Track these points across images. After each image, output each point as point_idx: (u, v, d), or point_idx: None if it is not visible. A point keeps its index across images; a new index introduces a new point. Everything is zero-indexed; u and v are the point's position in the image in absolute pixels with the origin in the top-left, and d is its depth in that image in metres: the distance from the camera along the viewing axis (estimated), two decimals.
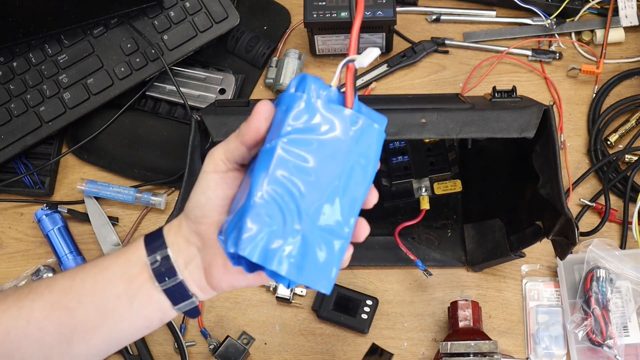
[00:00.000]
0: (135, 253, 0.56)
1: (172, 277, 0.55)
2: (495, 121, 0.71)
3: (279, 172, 0.48)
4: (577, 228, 0.69)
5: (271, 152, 0.48)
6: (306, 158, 0.48)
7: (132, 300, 0.56)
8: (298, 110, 0.48)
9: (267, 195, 0.48)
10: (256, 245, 0.48)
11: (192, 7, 0.94)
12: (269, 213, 0.48)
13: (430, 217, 0.91)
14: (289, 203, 0.48)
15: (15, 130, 0.92)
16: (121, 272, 0.56)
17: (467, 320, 0.84)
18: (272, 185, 0.48)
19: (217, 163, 0.53)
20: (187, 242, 0.55)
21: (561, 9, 0.98)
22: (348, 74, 0.49)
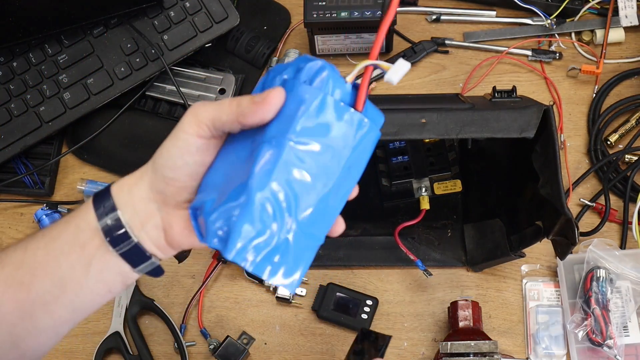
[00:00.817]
0: (84, 218, 0.53)
1: (126, 240, 0.52)
2: (495, 121, 0.71)
3: (283, 173, 0.46)
4: (577, 228, 0.69)
5: (280, 150, 0.46)
6: (310, 160, 0.47)
7: (88, 267, 0.53)
8: (312, 108, 0.46)
9: (267, 197, 0.46)
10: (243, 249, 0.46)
11: (192, 7, 0.94)
12: (264, 217, 0.46)
13: (430, 217, 0.91)
14: (284, 207, 0.47)
15: (15, 130, 0.92)
16: (72, 240, 0.53)
17: (467, 320, 0.84)
18: (274, 186, 0.46)
19: (202, 127, 0.50)
20: (146, 199, 0.53)
21: (561, 9, 0.98)
22: (365, 76, 0.48)
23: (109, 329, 0.89)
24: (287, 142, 0.46)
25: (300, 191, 0.47)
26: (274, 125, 0.47)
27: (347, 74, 0.49)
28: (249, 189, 0.46)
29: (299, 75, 0.48)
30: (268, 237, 0.47)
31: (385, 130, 0.71)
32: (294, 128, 0.46)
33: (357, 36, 0.95)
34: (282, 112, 0.47)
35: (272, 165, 0.46)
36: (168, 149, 0.51)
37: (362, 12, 0.91)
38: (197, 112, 0.50)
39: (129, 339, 0.89)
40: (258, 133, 0.48)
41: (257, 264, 0.47)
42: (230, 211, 0.47)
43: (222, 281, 0.92)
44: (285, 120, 0.47)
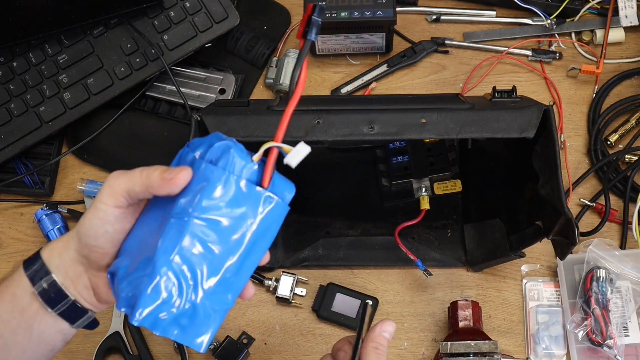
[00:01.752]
0: (19, 286, 0.56)
1: (63, 300, 0.56)
2: (495, 121, 0.71)
3: (186, 247, 0.50)
4: (577, 228, 0.69)
5: (184, 226, 0.50)
6: (214, 235, 0.51)
7: (30, 331, 0.56)
8: (217, 188, 0.50)
9: (171, 268, 0.50)
10: (149, 315, 0.50)
11: (192, 7, 0.94)
12: (169, 287, 0.50)
13: (430, 217, 0.91)
14: (189, 277, 0.51)
15: (15, 130, 0.92)
16: (11, 309, 0.56)
17: (467, 320, 0.84)
18: (177, 259, 0.50)
19: (118, 198, 0.53)
20: (74, 262, 0.56)
21: (561, 9, 0.98)
22: (270, 156, 0.52)
23: (109, 329, 0.89)
24: (191, 219, 0.50)
25: (205, 262, 0.51)
26: (182, 200, 0.51)
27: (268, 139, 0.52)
28: (155, 261, 0.50)
29: (208, 154, 0.52)
30: (173, 305, 0.51)
31: (385, 130, 0.71)
32: (199, 205, 0.50)
33: (357, 36, 0.95)
34: (190, 188, 0.51)
35: (177, 239, 0.50)
36: (90, 219, 0.54)
37: (362, 12, 0.91)
38: (112, 183, 0.54)
39: (129, 339, 0.89)
40: (169, 204, 0.52)
41: (163, 328, 0.51)
42: (137, 280, 0.51)
43: None
44: (192, 196, 0.51)
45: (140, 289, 0.50)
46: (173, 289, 0.50)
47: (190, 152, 0.53)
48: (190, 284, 0.51)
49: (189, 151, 0.53)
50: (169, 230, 0.50)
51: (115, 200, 0.53)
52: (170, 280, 0.50)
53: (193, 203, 0.50)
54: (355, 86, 0.98)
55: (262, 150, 0.52)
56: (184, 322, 0.52)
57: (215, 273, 0.52)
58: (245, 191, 0.51)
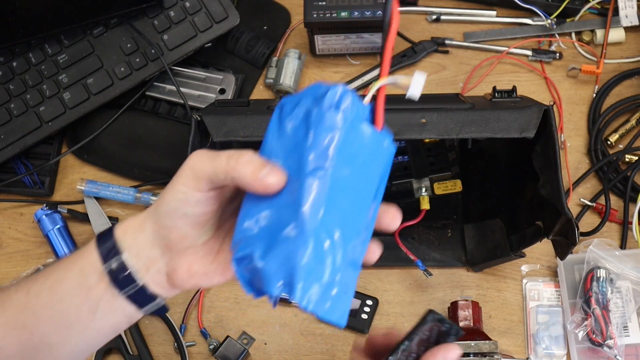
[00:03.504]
0: (89, 261, 0.52)
1: (132, 284, 0.52)
2: (495, 121, 0.71)
3: (330, 205, 0.45)
4: (577, 228, 0.69)
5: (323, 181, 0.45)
6: (349, 187, 0.46)
7: (94, 310, 0.53)
8: (344, 134, 0.46)
9: (320, 232, 0.45)
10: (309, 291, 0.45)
11: (192, 7, 0.94)
12: (320, 253, 0.45)
13: (430, 217, 0.91)
14: (336, 239, 0.46)
15: (15, 130, 0.92)
16: (77, 283, 0.53)
17: (467, 320, 0.84)
18: (325, 220, 0.45)
19: (199, 183, 0.48)
20: (149, 244, 0.52)
21: (561, 9, 0.98)
22: (380, 97, 0.48)
23: None
24: (329, 171, 0.45)
25: (344, 221, 0.47)
26: (310, 156, 0.46)
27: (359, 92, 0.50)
28: (303, 227, 0.45)
29: (322, 103, 0.47)
30: (326, 273, 0.46)
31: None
32: (332, 156, 0.45)
33: (357, 36, 0.95)
34: (316, 141, 0.46)
35: (320, 198, 0.45)
36: (168, 201, 0.50)
37: (362, 12, 0.91)
38: (194, 165, 0.49)
39: (129, 339, 0.89)
40: (293, 168, 0.47)
41: (316, 304, 0.46)
42: (285, 254, 0.45)
43: None
44: (320, 148, 0.46)
45: (294, 262, 0.44)
46: (324, 256, 0.45)
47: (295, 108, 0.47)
48: (337, 248, 0.46)
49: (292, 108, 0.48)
50: (308, 189, 0.45)
51: (196, 184, 0.48)
52: (321, 246, 0.45)
53: (325, 155, 0.45)
54: (355, 86, 0.98)
55: (374, 90, 0.47)
56: (332, 293, 0.46)
57: (353, 232, 0.47)
58: (368, 135, 0.47)
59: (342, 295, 0.47)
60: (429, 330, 0.61)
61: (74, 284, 0.53)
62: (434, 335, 0.61)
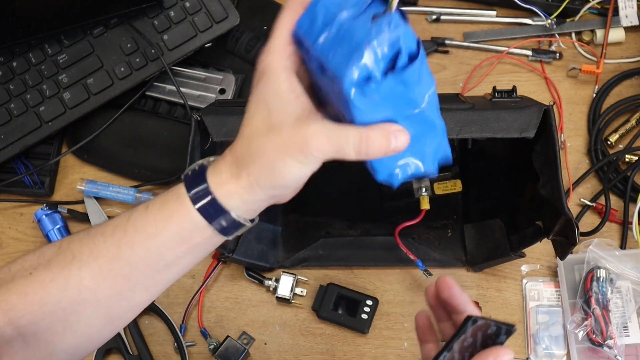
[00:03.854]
0: (189, 220, 0.53)
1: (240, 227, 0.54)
2: (495, 121, 0.71)
3: None
4: (577, 228, 0.69)
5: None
6: None
7: (197, 253, 0.55)
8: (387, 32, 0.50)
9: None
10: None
11: (192, 7, 0.94)
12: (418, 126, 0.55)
13: (430, 217, 0.91)
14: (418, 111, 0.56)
15: (15, 130, 0.92)
16: (177, 238, 0.53)
17: None
18: None
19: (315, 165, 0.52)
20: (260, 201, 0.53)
21: (561, 9, 0.98)
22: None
23: None
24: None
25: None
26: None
27: None
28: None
29: None
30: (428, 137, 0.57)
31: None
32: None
33: None
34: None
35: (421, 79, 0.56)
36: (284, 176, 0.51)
37: None
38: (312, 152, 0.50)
39: (129, 339, 0.89)
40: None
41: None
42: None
43: (222, 281, 0.92)
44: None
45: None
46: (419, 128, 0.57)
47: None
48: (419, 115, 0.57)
49: None
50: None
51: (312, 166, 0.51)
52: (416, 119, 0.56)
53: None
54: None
55: None
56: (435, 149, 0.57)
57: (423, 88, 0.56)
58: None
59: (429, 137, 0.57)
60: (472, 336, 0.56)
61: (174, 238, 0.54)
62: (480, 339, 0.57)
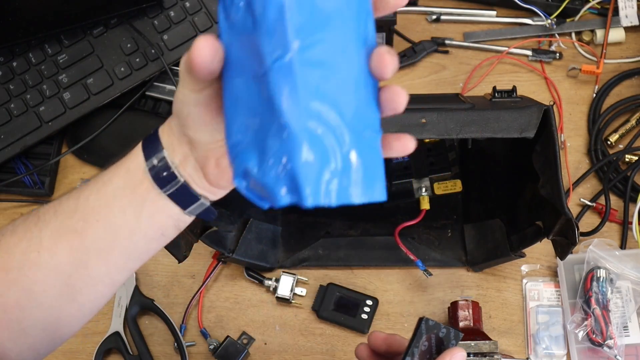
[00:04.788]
0: (134, 160, 0.52)
1: (173, 181, 0.51)
2: (496, 121, 0.71)
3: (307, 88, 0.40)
4: (577, 228, 0.69)
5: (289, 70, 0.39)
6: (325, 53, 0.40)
7: (140, 211, 0.53)
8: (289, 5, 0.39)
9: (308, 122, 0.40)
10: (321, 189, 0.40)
11: (192, 7, 0.94)
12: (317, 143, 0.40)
13: (430, 217, 0.91)
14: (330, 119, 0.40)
15: (15, 130, 0.92)
16: (123, 184, 0.53)
17: (467, 321, 0.84)
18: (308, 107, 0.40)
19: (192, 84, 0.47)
20: (180, 140, 0.51)
21: (561, 9, 0.98)
22: None
23: (109, 329, 0.89)
24: (291, 54, 0.39)
25: (333, 92, 0.41)
26: (266, 46, 0.40)
27: None
28: (284, 124, 0.40)
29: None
30: (332, 161, 0.41)
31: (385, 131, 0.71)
32: (286, 36, 0.39)
33: None
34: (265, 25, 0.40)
35: (294, 88, 0.40)
36: (175, 102, 0.50)
37: None
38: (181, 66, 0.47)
39: (129, 339, 0.89)
40: (254, 64, 0.41)
41: (337, 193, 0.41)
42: (279, 159, 0.41)
43: (222, 281, 0.92)
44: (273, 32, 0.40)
45: (291, 164, 0.40)
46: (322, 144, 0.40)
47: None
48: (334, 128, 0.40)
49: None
50: (276, 83, 0.40)
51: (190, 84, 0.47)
52: (314, 136, 0.40)
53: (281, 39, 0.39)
54: None
55: None
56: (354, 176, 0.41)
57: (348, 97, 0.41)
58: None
59: (367, 170, 0.42)
60: (427, 341, 0.59)
61: (120, 184, 0.53)
62: (434, 345, 0.59)
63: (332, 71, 0.41)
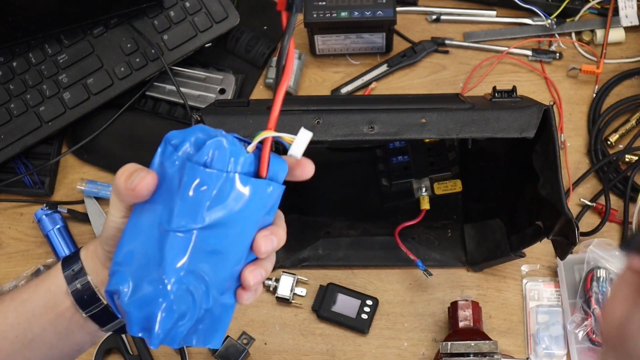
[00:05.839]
0: (54, 282, 0.56)
1: (96, 303, 0.55)
2: (496, 121, 0.71)
3: (194, 258, 0.48)
4: (577, 228, 0.69)
5: (188, 239, 0.47)
6: (221, 238, 0.48)
7: (59, 329, 0.56)
8: (217, 191, 0.47)
9: (182, 283, 0.48)
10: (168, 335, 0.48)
11: (192, 7, 0.94)
12: (182, 302, 0.48)
13: (430, 217, 0.91)
14: (201, 287, 0.49)
15: (15, 130, 0.92)
16: (43, 303, 0.55)
17: (467, 321, 0.84)
18: (187, 273, 0.48)
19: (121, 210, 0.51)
20: (103, 266, 0.55)
21: (561, 9, 0.98)
22: (265, 147, 0.49)
23: None
24: (194, 230, 0.47)
25: (214, 267, 0.49)
26: (179, 210, 0.47)
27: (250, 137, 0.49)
28: (163, 279, 0.47)
29: (199, 155, 0.47)
30: (188, 318, 0.49)
31: (385, 130, 0.71)
32: (200, 214, 0.47)
33: (357, 36, 0.95)
34: (187, 196, 0.47)
35: (182, 253, 0.47)
36: (106, 228, 0.53)
37: (362, 12, 0.91)
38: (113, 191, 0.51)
39: (129, 339, 0.89)
40: (164, 215, 0.48)
41: (181, 341, 0.49)
42: (147, 302, 0.48)
43: None
44: (191, 205, 0.47)
45: (154, 311, 0.47)
46: (186, 304, 0.48)
47: (175, 152, 0.48)
48: (202, 292, 0.49)
49: (173, 151, 0.49)
50: (172, 245, 0.47)
51: (119, 210, 0.51)
52: (181, 295, 0.48)
53: (194, 214, 0.47)
54: (356, 86, 0.98)
55: (257, 140, 0.49)
56: (200, 327, 0.50)
57: (225, 274, 0.50)
58: (245, 186, 0.48)
59: (213, 326, 0.51)
60: None
61: (41, 304, 0.56)
62: None
63: (219, 253, 0.49)
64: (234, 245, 0.49)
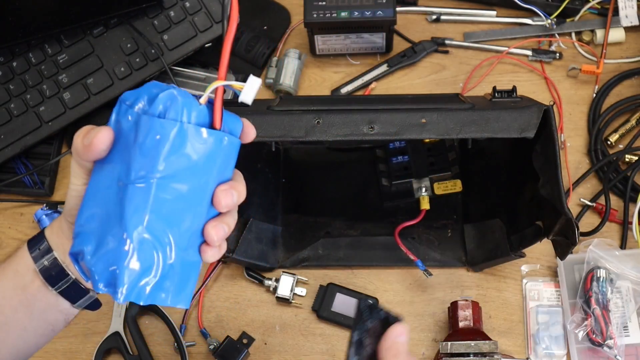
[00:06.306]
0: (21, 263, 0.56)
1: (64, 279, 0.56)
2: (496, 121, 0.71)
3: (154, 211, 0.48)
4: (577, 228, 0.69)
5: (147, 191, 0.47)
6: (179, 189, 0.48)
7: (31, 309, 0.56)
8: (171, 141, 0.47)
9: (143, 235, 0.48)
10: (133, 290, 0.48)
11: (192, 7, 0.94)
12: (145, 255, 0.48)
13: (430, 217, 0.91)
14: (163, 240, 0.49)
15: (15, 130, 0.92)
16: (12, 285, 0.56)
17: (467, 321, 0.84)
18: (148, 226, 0.48)
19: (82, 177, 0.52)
20: (68, 240, 0.55)
21: (561, 9, 0.98)
22: (217, 96, 0.50)
23: (109, 329, 0.89)
24: (153, 180, 0.47)
25: (175, 220, 0.49)
26: (137, 163, 0.48)
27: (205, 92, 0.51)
28: (125, 232, 0.47)
29: (153, 108, 0.48)
30: (153, 272, 0.49)
31: (385, 130, 0.71)
32: (156, 166, 0.47)
33: (357, 36, 0.95)
34: (143, 147, 0.48)
35: (143, 206, 0.48)
36: (68, 199, 0.53)
37: (362, 12, 0.91)
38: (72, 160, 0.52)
39: (129, 339, 0.89)
40: (122, 170, 0.49)
41: (148, 297, 0.49)
42: (110, 256, 0.48)
43: (222, 281, 0.92)
44: (147, 156, 0.47)
45: (118, 265, 0.48)
46: (150, 257, 0.48)
47: (129, 108, 0.49)
48: (165, 246, 0.49)
49: (127, 108, 0.49)
50: (132, 197, 0.48)
51: (80, 177, 0.52)
52: (144, 248, 0.48)
53: (151, 164, 0.47)
54: (355, 86, 0.98)
55: (209, 91, 0.50)
56: (166, 284, 0.50)
57: (187, 228, 0.50)
58: (200, 137, 0.48)
59: (180, 283, 0.51)
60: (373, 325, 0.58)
61: (10, 285, 0.56)
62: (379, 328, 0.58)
63: (180, 202, 0.49)
64: (193, 198, 0.49)
